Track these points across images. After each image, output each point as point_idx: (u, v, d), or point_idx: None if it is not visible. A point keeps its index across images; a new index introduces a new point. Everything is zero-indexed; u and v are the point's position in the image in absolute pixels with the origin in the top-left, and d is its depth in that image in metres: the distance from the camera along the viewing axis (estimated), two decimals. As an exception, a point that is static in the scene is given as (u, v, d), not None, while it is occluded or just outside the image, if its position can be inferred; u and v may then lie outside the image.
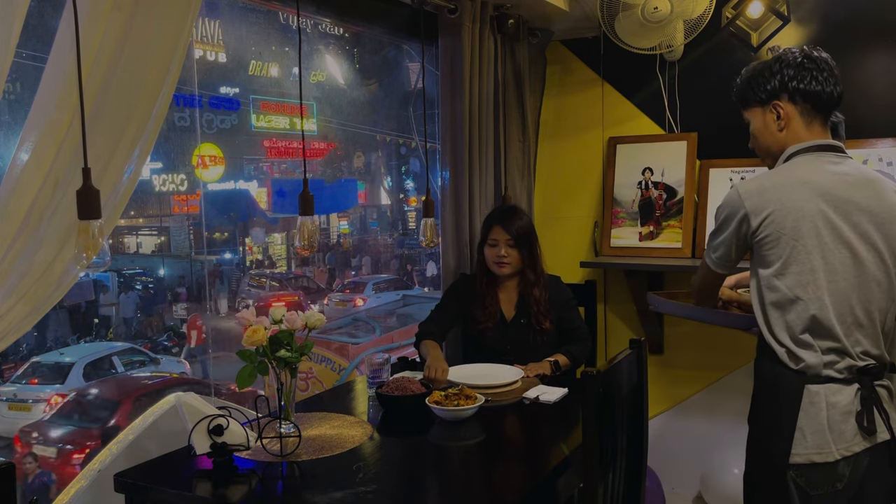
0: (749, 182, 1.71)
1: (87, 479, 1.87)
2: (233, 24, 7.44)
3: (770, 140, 1.78)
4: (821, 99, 1.71)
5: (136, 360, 6.82)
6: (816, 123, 1.73)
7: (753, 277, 1.73)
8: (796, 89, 1.71)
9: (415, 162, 10.27)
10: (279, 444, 1.76)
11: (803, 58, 1.72)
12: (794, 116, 1.73)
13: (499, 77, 3.04)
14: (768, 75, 1.75)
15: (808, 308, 1.64)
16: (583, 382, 1.61)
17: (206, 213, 8.61)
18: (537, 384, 2.32)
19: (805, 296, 1.64)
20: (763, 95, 1.76)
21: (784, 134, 1.75)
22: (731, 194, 1.72)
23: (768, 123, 1.76)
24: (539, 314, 2.60)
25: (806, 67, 1.71)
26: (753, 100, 1.79)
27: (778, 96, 1.73)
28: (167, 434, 1.96)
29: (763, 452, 1.71)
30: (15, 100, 1.93)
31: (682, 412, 3.28)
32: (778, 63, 1.74)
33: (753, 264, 1.73)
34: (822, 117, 1.73)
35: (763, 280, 1.69)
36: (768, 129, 1.77)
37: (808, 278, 1.64)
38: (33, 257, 1.55)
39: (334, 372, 6.12)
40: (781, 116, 1.73)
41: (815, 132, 1.74)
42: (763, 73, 1.77)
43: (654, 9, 2.79)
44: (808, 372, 1.65)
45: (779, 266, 1.66)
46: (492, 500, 1.67)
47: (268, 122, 8.29)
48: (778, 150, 1.77)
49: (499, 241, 2.60)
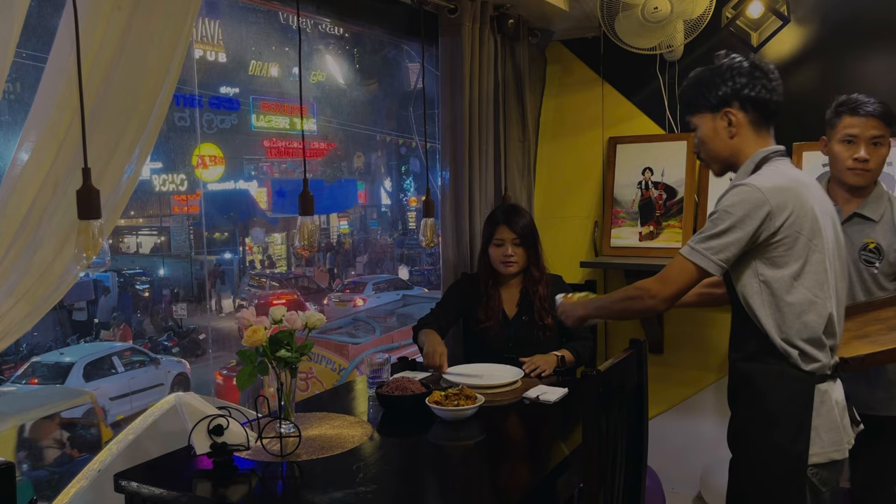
0: (764, 180, 1.67)
1: (86, 479, 1.87)
2: (233, 24, 7.44)
3: (720, 146, 1.78)
4: (769, 108, 1.75)
5: (137, 360, 6.82)
6: (765, 130, 1.77)
7: (754, 280, 1.69)
8: (748, 97, 1.73)
9: (415, 162, 10.28)
10: (279, 444, 1.76)
11: (752, 66, 1.75)
12: (745, 124, 1.75)
13: (499, 77, 3.04)
14: (719, 82, 1.76)
15: (826, 308, 1.67)
16: (583, 382, 1.61)
17: (206, 213, 8.61)
18: (537, 384, 2.32)
19: (822, 296, 1.67)
20: (714, 101, 1.76)
21: (735, 141, 1.76)
22: (749, 191, 1.64)
23: (718, 130, 1.77)
24: (542, 311, 2.60)
25: (756, 76, 1.74)
26: (703, 105, 1.79)
27: (729, 103, 1.75)
28: (167, 434, 1.96)
29: (779, 457, 1.68)
30: (15, 100, 1.93)
31: (682, 412, 3.28)
32: (729, 70, 1.76)
33: (757, 267, 1.68)
34: (769, 124, 1.78)
35: (776, 282, 1.66)
36: (718, 135, 1.78)
37: (823, 278, 1.67)
38: (33, 257, 1.55)
39: (334, 372, 6.13)
40: (733, 123, 1.75)
41: (766, 138, 1.78)
42: (714, 79, 1.78)
43: (654, 9, 2.79)
44: (817, 372, 1.67)
45: (797, 267, 1.66)
46: (492, 500, 1.67)
47: (268, 122, 8.29)
48: (728, 156, 1.79)
49: (505, 241, 2.60)
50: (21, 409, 5.28)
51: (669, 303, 1.74)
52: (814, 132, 2.96)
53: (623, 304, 1.84)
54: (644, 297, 1.76)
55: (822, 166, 2.93)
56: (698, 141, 1.83)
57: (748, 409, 1.74)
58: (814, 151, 2.94)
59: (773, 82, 1.75)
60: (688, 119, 1.87)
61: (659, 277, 1.75)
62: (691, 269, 1.68)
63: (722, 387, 3.16)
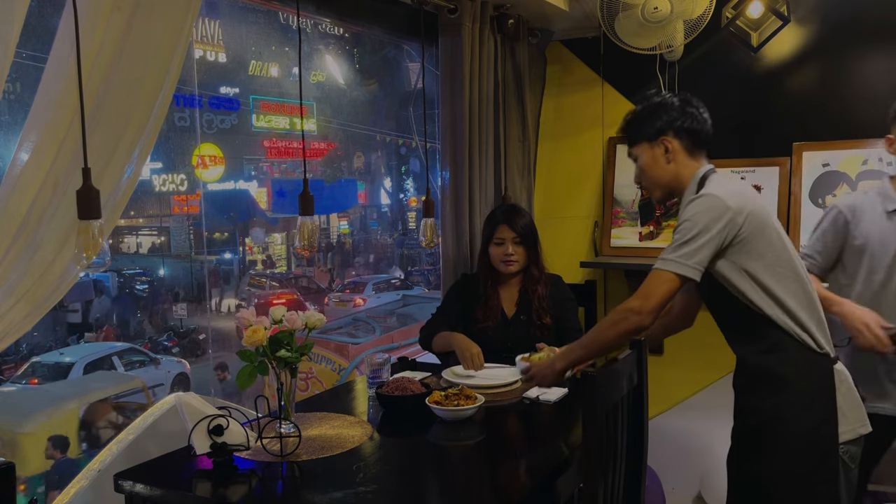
0: (716, 189, 1.82)
1: (86, 479, 1.87)
2: (233, 24, 7.43)
3: (660, 172, 1.95)
4: (700, 137, 1.93)
5: (136, 360, 6.83)
6: (698, 154, 1.94)
7: (746, 279, 1.79)
8: (681, 128, 1.91)
9: (415, 162, 10.28)
10: (279, 444, 1.76)
11: (683, 102, 1.94)
12: (680, 150, 1.92)
13: (499, 77, 3.04)
14: (654, 116, 1.94)
15: (811, 291, 1.83)
16: (583, 382, 1.60)
17: (206, 213, 8.61)
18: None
19: (805, 281, 1.83)
20: (651, 131, 1.94)
21: (672, 166, 1.93)
22: (707, 199, 1.78)
23: (657, 157, 1.94)
24: (540, 310, 2.60)
25: (686, 110, 1.92)
26: (642, 137, 1.96)
27: (664, 132, 1.92)
28: (167, 434, 1.96)
29: (814, 439, 1.77)
30: (15, 100, 1.93)
31: (682, 412, 3.28)
32: (662, 106, 1.94)
33: (743, 266, 1.79)
34: (701, 150, 1.95)
35: (766, 275, 1.78)
36: (657, 162, 1.94)
37: (795, 265, 1.83)
38: (33, 257, 1.55)
39: (334, 372, 6.13)
40: (669, 150, 1.92)
41: (700, 161, 1.94)
42: (646, 114, 1.96)
43: (654, 9, 2.79)
44: (830, 354, 1.81)
45: (773, 257, 1.79)
46: (492, 500, 1.67)
47: (268, 122, 8.29)
48: (668, 181, 1.95)
49: (505, 240, 2.60)
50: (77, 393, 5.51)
51: (654, 315, 1.81)
52: (814, 132, 2.97)
53: (610, 332, 1.87)
54: (629, 317, 1.82)
55: (823, 166, 2.93)
56: (639, 170, 1.99)
57: (774, 398, 1.80)
58: (814, 151, 2.94)
59: (702, 115, 1.94)
60: (629, 152, 2.02)
61: (639, 294, 1.82)
62: (669, 277, 1.78)
63: (722, 387, 3.18)
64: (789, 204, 2.95)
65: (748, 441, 1.86)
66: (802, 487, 1.77)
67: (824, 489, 1.77)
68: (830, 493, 1.77)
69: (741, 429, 1.89)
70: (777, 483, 1.79)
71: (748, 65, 3.07)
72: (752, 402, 1.86)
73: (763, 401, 1.82)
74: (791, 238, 2.89)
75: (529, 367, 2.05)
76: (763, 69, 3.05)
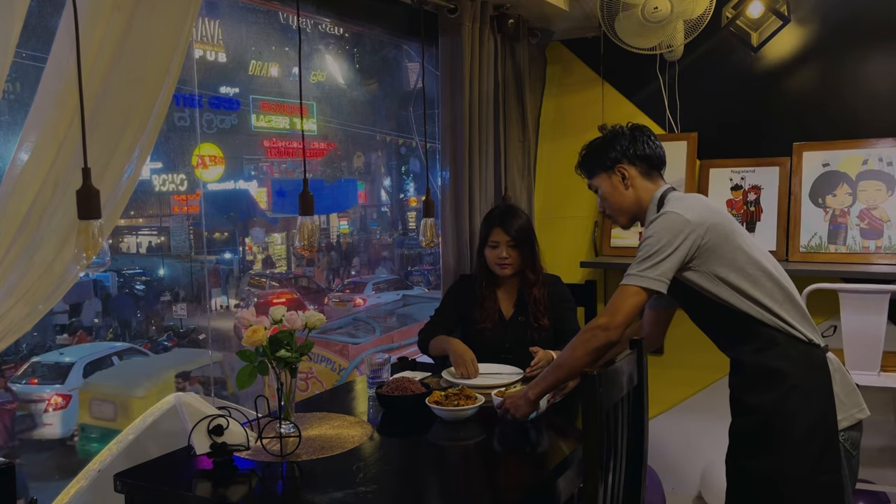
0: (675, 206, 1.89)
1: (86, 479, 1.87)
2: (233, 24, 7.43)
3: (620, 198, 2.04)
4: (653, 161, 2.03)
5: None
6: (655, 176, 2.04)
7: (724, 287, 1.85)
8: (634, 154, 2.01)
9: (415, 162, 10.27)
10: (279, 444, 1.76)
11: (633, 130, 2.04)
12: (636, 175, 2.02)
13: (499, 77, 3.04)
14: (608, 147, 2.04)
15: (790, 287, 1.89)
16: (583, 382, 1.61)
17: (206, 213, 8.60)
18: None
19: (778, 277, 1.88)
20: (607, 162, 2.04)
21: (631, 192, 2.03)
22: (667, 217, 1.86)
23: (615, 184, 2.04)
24: (537, 312, 2.60)
25: (636, 137, 2.02)
26: (599, 168, 2.06)
27: (619, 161, 2.02)
28: (167, 434, 1.96)
29: (816, 428, 1.80)
30: (15, 100, 1.93)
31: (682, 412, 3.28)
32: (614, 137, 2.05)
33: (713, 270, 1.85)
34: (657, 172, 2.04)
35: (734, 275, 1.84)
36: (616, 189, 2.04)
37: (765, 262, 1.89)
38: (33, 257, 1.55)
39: (334, 372, 6.13)
40: (626, 176, 2.02)
41: (657, 183, 2.03)
42: (599, 147, 2.07)
43: (654, 9, 2.79)
44: (820, 344, 1.86)
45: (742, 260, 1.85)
46: (492, 500, 1.67)
47: (268, 122, 8.28)
48: (630, 204, 2.03)
49: (499, 243, 2.60)
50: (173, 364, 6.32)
51: (622, 330, 1.85)
52: (814, 132, 2.97)
53: (580, 351, 1.88)
54: (598, 334, 1.85)
55: (823, 166, 2.93)
56: (601, 199, 2.09)
57: (774, 393, 1.82)
58: (814, 151, 2.95)
59: (653, 141, 2.04)
60: (590, 184, 2.13)
61: (606, 311, 1.86)
62: (634, 291, 1.84)
63: (722, 387, 3.17)
64: (789, 204, 2.95)
65: (751, 438, 1.86)
66: (808, 479, 1.79)
67: (829, 478, 1.79)
68: (835, 482, 1.80)
69: (742, 427, 1.90)
70: (783, 477, 1.81)
71: (748, 65, 3.07)
72: (752, 400, 1.86)
73: (763, 397, 1.84)
74: (791, 238, 2.91)
75: (503, 402, 2.02)
76: (763, 69, 3.05)
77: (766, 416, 1.83)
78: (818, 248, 2.89)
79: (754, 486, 1.86)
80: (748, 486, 1.88)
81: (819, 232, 2.89)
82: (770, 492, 1.83)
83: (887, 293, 2.43)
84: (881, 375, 2.50)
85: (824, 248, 2.88)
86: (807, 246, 2.90)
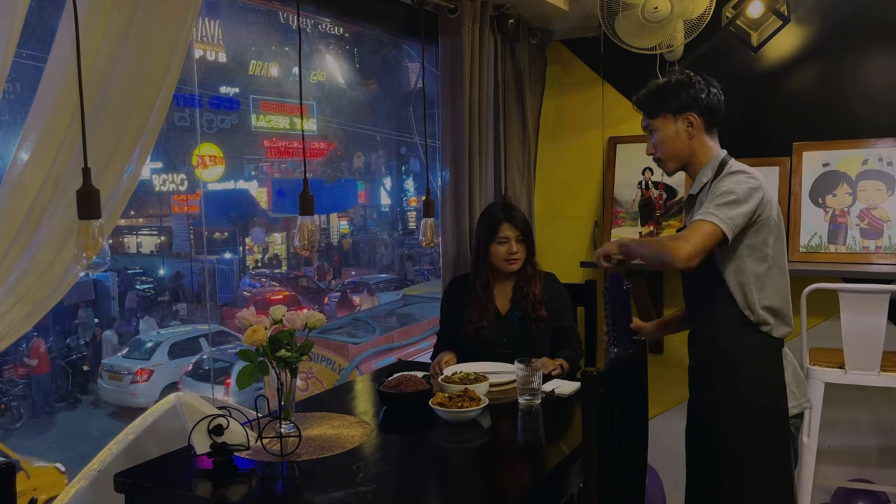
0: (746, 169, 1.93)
1: (86, 478, 1.87)
2: (233, 24, 7.43)
3: (680, 146, 2.00)
4: (718, 115, 2.01)
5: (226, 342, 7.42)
6: (714, 134, 2.02)
7: (740, 259, 1.90)
8: (705, 104, 1.97)
9: (415, 162, 10.26)
10: (279, 444, 1.76)
11: (703, 79, 2.00)
12: (701, 127, 1.99)
13: (499, 77, 3.04)
14: (679, 89, 1.98)
15: (786, 280, 1.97)
16: (583, 382, 1.61)
17: (206, 212, 8.61)
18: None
19: (784, 269, 1.97)
20: (676, 105, 1.98)
21: (693, 141, 1.99)
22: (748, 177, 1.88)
23: (679, 132, 1.99)
24: (536, 303, 2.59)
25: (710, 88, 1.99)
26: (665, 109, 1.99)
27: (690, 108, 1.97)
28: (167, 434, 1.96)
29: (767, 414, 1.93)
30: (15, 100, 1.93)
31: (682, 412, 3.26)
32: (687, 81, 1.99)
33: (742, 246, 1.90)
34: (715, 129, 2.03)
35: (757, 260, 1.91)
36: (679, 136, 1.99)
37: (782, 252, 1.97)
38: (33, 257, 1.55)
39: (334, 372, 6.13)
40: (693, 125, 1.98)
41: (715, 140, 2.02)
42: (672, 88, 1.99)
43: (654, 9, 2.79)
44: (783, 338, 1.97)
45: (771, 244, 1.92)
46: (492, 499, 1.67)
47: (268, 121, 8.28)
48: (686, 155, 2.01)
49: (509, 238, 2.60)
50: None
51: (687, 260, 1.81)
52: (814, 132, 2.97)
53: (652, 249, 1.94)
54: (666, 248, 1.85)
55: (823, 166, 2.93)
56: (658, 141, 2.03)
57: (734, 374, 1.94)
58: (814, 151, 2.94)
59: (720, 93, 2.01)
60: (647, 122, 2.06)
61: (680, 236, 1.85)
62: (712, 230, 1.83)
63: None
64: (789, 204, 2.95)
65: (706, 415, 2.00)
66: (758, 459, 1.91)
67: (779, 460, 1.92)
68: (784, 464, 1.92)
69: (699, 403, 2.04)
70: (735, 456, 1.93)
71: (748, 65, 3.07)
72: (710, 379, 1.99)
73: (720, 378, 1.96)
74: (791, 238, 2.91)
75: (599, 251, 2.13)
76: (763, 69, 3.05)
77: (720, 396, 1.96)
78: (818, 247, 2.89)
79: (707, 464, 1.99)
80: (702, 463, 2.01)
81: (819, 232, 2.89)
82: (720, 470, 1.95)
83: (887, 293, 2.42)
84: (881, 375, 2.49)
85: (824, 247, 2.88)
86: (807, 246, 2.90)
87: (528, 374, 2.11)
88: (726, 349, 1.96)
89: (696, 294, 2.05)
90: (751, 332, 1.94)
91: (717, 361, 1.98)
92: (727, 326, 1.96)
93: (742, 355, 1.94)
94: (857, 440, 2.98)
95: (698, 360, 2.06)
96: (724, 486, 1.95)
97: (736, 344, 1.95)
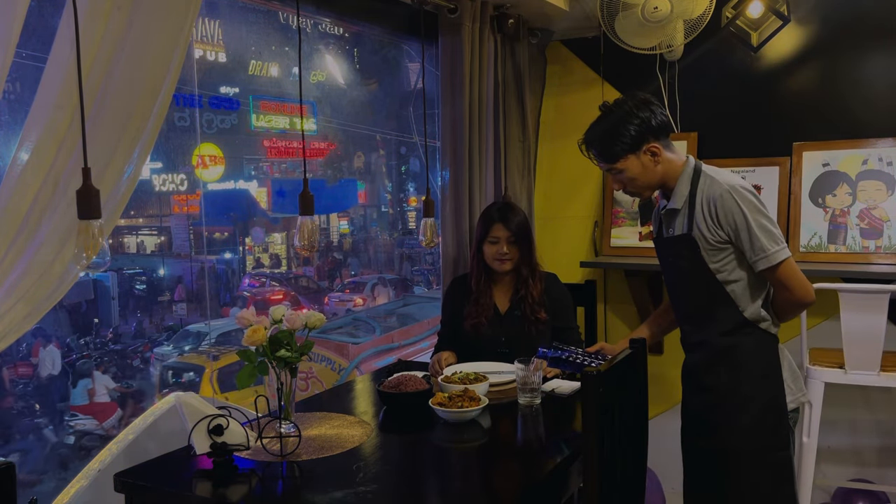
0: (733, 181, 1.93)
1: (86, 478, 1.87)
2: (233, 24, 7.42)
3: (651, 177, 1.98)
4: (669, 128, 1.99)
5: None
6: (671, 145, 2.00)
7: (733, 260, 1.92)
8: (657, 126, 1.93)
9: (415, 162, 10.25)
10: (279, 444, 1.76)
11: (643, 101, 1.95)
12: (662, 150, 1.96)
13: (499, 77, 3.04)
14: (626, 125, 1.93)
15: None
16: (583, 382, 1.61)
17: (206, 212, 8.60)
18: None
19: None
20: (631, 142, 1.93)
21: (661, 167, 1.97)
22: (745, 189, 1.90)
23: (646, 164, 1.96)
24: (535, 305, 2.59)
25: (651, 107, 1.94)
26: (624, 150, 1.95)
27: (646, 139, 1.93)
28: (167, 434, 1.96)
29: (768, 408, 1.94)
30: (15, 100, 1.93)
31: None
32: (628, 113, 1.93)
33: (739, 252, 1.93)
34: (669, 137, 2.00)
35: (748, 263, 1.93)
36: (647, 168, 1.96)
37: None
38: (33, 257, 1.55)
39: (334, 372, 6.13)
40: (657, 153, 1.94)
41: (675, 149, 2.00)
42: (620, 127, 1.94)
43: (654, 8, 2.79)
44: (777, 334, 2.00)
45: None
46: (492, 499, 1.67)
47: (268, 121, 8.27)
48: (658, 181, 1.99)
49: (500, 239, 2.60)
50: None
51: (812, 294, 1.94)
52: (814, 132, 2.97)
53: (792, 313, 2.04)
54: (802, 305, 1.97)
55: (823, 166, 2.93)
56: (627, 179, 1.99)
57: (731, 374, 1.95)
58: (814, 151, 2.94)
59: (660, 105, 1.99)
60: (609, 167, 2.01)
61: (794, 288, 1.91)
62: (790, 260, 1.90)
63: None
64: (789, 204, 2.95)
65: (705, 417, 2.01)
66: (760, 456, 1.94)
67: (780, 455, 1.94)
68: (786, 458, 1.94)
69: (697, 406, 2.04)
70: (736, 455, 1.95)
71: (748, 65, 3.07)
72: (710, 381, 1.99)
73: (721, 378, 1.97)
74: (791, 238, 2.91)
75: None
76: (763, 69, 3.05)
77: (722, 397, 1.97)
78: (818, 247, 2.89)
79: (709, 464, 1.99)
80: (704, 464, 2.01)
81: (819, 232, 2.89)
82: (724, 469, 1.96)
83: (887, 293, 2.43)
84: (881, 375, 2.50)
85: (824, 247, 2.88)
86: (807, 246, 2.90)
87: (527, 373, 2.11)
88: (727, 349, 1.98)
89: (692, 298, 2.05)
90: (750, 330, 1.96)
91: (718, 362, 1.99)
92: (727, 327, 1.97)
93: (743, 354, 1.96)
94: (857, 440, 2.98)
95: (697, 362, 2.05)
96: (730, 484, 1.96)
97: (736, 343, 1.97)
